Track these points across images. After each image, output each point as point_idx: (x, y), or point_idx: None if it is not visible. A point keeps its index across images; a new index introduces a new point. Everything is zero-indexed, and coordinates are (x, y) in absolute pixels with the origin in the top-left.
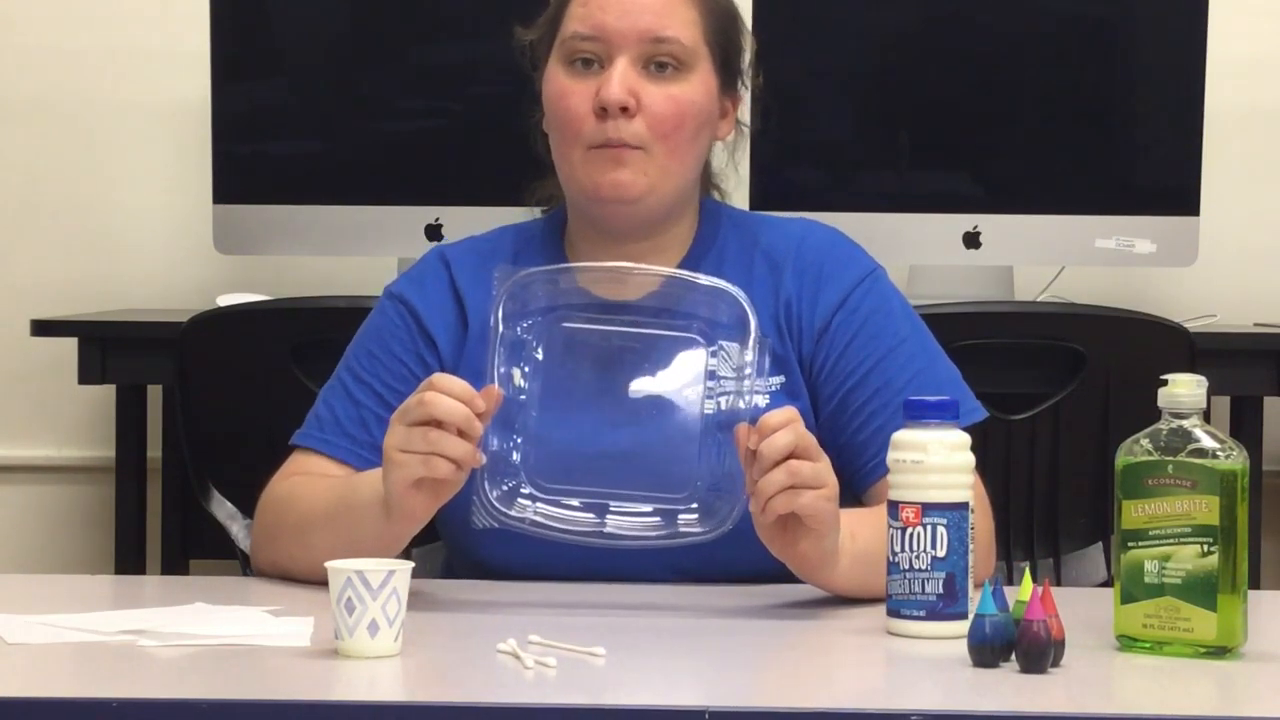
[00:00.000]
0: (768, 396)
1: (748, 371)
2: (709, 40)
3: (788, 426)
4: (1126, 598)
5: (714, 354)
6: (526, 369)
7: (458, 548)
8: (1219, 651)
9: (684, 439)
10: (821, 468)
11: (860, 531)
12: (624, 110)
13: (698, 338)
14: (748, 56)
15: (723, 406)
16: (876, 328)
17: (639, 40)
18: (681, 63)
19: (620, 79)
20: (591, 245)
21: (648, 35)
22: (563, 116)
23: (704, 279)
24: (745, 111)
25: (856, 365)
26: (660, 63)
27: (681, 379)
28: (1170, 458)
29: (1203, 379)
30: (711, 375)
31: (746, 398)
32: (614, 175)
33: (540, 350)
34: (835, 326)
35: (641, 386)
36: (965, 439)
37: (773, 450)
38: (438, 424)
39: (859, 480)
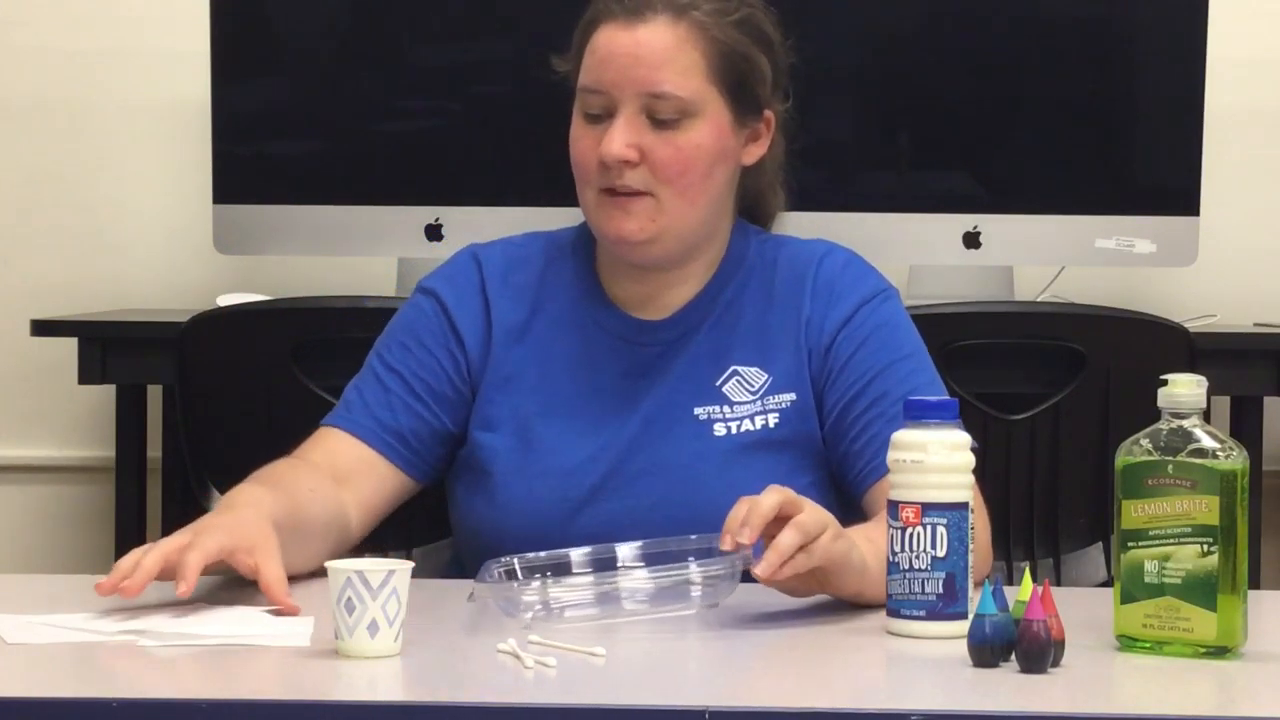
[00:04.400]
0: (778, 415)
1: (763, 389)
2: (716, 79)
3: (766, 491)
4: (1126, 598)
5: (729, 379)
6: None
7: (468, 550)
8: (1219, 651)
9: (693, 467)
10: (817, 512)
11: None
12: (627, 162)
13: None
14: (770, 77)
15: (734, 431)
16: (879, 342)
17: (636, 95)
18: (683, 112)
19: (620, 134)
20: (617, 266)
21: (644, 90)
22: (576, 160)
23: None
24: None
25: (858, 377)
26: (661, 119)
27: (693, 400)
28: (1170, 458)
29: (1203, 379)
30: (726, 401)
31: (757, 418)
32: (620, 223)
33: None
34: (840, 341)
35: (650, 408)
36: (965, 439)
37: (765, 509)
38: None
39: (853, 486)
